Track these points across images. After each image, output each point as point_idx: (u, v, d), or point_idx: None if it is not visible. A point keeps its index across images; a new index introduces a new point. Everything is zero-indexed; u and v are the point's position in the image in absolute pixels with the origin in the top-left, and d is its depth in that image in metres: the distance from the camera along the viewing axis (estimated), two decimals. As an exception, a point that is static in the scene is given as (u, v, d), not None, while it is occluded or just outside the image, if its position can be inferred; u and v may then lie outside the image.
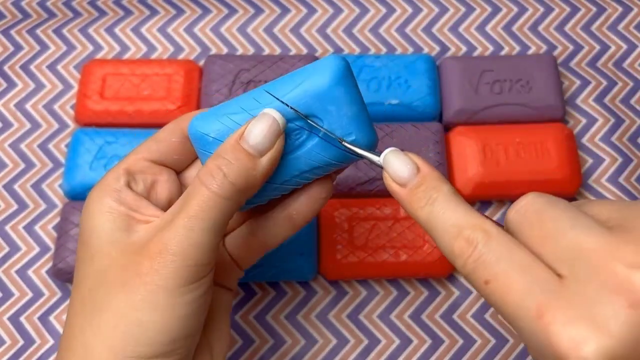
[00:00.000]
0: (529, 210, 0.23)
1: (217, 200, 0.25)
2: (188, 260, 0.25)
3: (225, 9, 0.48)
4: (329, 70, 0.26)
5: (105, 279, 0.26)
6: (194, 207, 0.25)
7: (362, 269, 0.39)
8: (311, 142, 0.27)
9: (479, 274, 0.22)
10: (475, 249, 0.23)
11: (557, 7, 0.48)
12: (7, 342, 0.39)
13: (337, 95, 0.26)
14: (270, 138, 0.26)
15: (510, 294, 0.21)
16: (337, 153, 0.27)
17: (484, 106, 0.42)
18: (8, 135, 0.44)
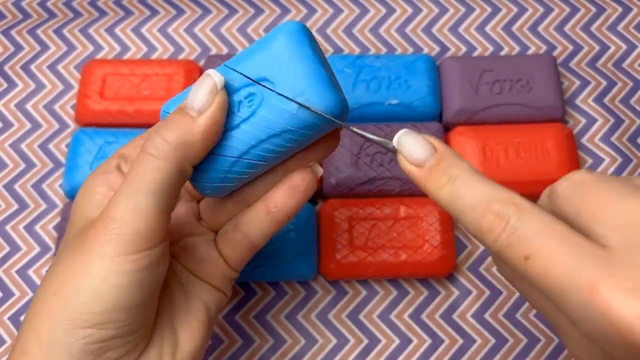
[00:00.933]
0: (585, 180, 0.22)
1: (155, 162, 0.25)
2: (127, 228, 0.25)
3: (225, 9, 0.48)
4: (278, 33, 0.26)
5: (62, 250, 0.27)
6: (132, 174, 0.25)
7: (362, 269, 0.39)
8: (264, 108, 0.26)
9: (515, 250, 0.21)
10: (507, 223, 0.21)
11: (557, 7, 0.48)
12: (7, 342, 0.39)
13: (283, 54, 0.26)
14: (205, 94, 0.26)
15: (556, 268, 0.20)
16: (291, 117, 0.26)
17: (484, 106, 0.42)
18: (8, 135, 0.44)
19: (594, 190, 0.21)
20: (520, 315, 0.39)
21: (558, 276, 0.20)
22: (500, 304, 0.40)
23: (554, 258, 0.20)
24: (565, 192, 0.22)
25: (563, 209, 0.22)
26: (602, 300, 0.19)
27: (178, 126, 0.25)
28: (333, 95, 0.26)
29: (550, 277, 0.20)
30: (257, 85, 0.26)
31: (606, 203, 0.21)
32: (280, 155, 0.27)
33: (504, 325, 0.39)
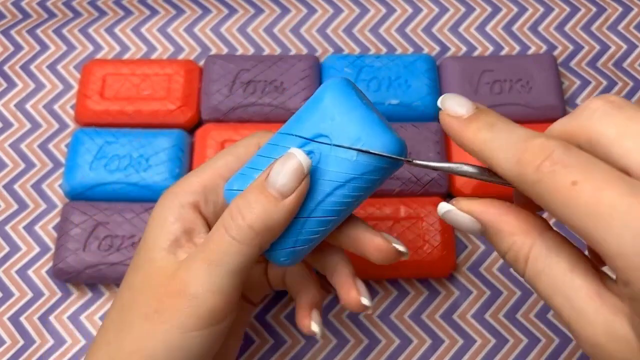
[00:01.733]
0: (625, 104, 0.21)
1: (237, 246, 0.25)
2: (205, 306, 0.26)
3: (225, 9, 0.48)
4: (324, 91, 0.27)
5: (136, 300, 0.27)
6: (213, 252, 0.26)
7: (362, 269, 0.39)
8: (324, 162, 0.27)
9: (561, 176, 0.20)
10: (553, 152, 0.21)
11: (557, 7, 0.48)
12: (7, 342, 0.39)
13: (333, 108, 0.26)
14: (294, 179, 0.25)
15: (606, 195, 0.19)
16: (353, 165, 0.26)
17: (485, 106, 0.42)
18: (8, 135, 0.44)
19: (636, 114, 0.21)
20: (520, 316, 0.39)
21: (607, 202, 0.19)
22: (501, 304, 0.40)
23: (605, 183, 0.19)
24: (604, 109, 0.22)
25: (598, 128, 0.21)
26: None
27: (263, 211, 0.25)
28: (389, 135, 0.26)
29: (600, 202, 0.19)
30: (312, 143, 0.27)
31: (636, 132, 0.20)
32: (349, 207, 0.27)
33: (504, 326, 0.39)
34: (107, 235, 0.39)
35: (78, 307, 0.40)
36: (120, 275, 0.38)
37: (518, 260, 0.24)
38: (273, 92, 0.42)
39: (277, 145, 0.27)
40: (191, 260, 0.26)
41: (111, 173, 0.40)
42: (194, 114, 0.43)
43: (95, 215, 0.39)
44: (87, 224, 0.39)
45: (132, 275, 0.28)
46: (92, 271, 0.38)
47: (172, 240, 0.28)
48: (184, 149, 0.41)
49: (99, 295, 0.40)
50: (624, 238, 0.19)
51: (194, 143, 0.42)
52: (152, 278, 0.27)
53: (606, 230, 0.19)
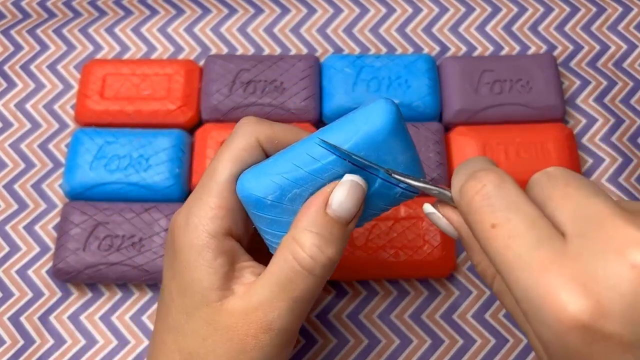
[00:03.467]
0: (558, 174, 0.23)
1: (319, 281, 0.26)
2: (288, 338, 0.27)
3: (225, 9, 0.48)
4: (382, 119, 0.26)
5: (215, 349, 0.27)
6: (297, 290, 0.26)
7: (362, 269, 0.39)
8: (368, 192, 0.27)
9: (485, 216, 0.22)
10: (484, 188, 0.23)
11: (557, 7, 0.48)
12: (7, 342, 0.39)
13: (392, 145, 0.26)
14: (358, 203, 0.26)
15: (516, 243, 0.21)
16: (392, 199, 0.27)
17: (484, 106, 0.42)
18: (8, 135, 0.44)
19: (563, 183, 0.22)
20: (520, 316, 0.39)
21: (516, 250, 0.21)
22: (501, 305, 0.40)
23: (517, 232, 0.21)
24: (539, 180, 0.23)
25: (535, 196, 0.23)
26: (546, 281, 0.20)
27: (339, 243, 0.26)
28: (423, 176, 0.28)
29: (509, 250, 0.21)
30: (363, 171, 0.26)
31: (570, 195, 0.22)
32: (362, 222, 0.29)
33: (504, 326, 0.39)
34: (107, 235, 0.39)
35: (78, 307, 0.40)
36: (121, 275, 0.38)
37: (486, 276, 0.27)
38: (273, 92, 0.42)
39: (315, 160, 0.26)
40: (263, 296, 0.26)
41: (111, 173, 0.40)
42: (194, 114, 0.43)
43: (95, 215, 0.39)
44: (87, 224, 0.39)
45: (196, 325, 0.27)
46: (92, 271, 0.38)
47: (223, 278, 0.27)
48: (184, 149, 0.41)
49: (99, 295, 0.40)
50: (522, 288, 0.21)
51: (194, 143, 0.42)
52: (221, 322, 0.27)
53: (512, 278, 0.21)
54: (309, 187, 0.26)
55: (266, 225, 0.28)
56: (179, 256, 0.28)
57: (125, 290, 0.40)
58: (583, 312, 0.19)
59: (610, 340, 0.19)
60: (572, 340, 0.20)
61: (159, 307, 0.30)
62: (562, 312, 0.20)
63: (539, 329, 0.21)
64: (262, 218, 0.27)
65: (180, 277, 0.28)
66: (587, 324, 0.19)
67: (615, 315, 0.19)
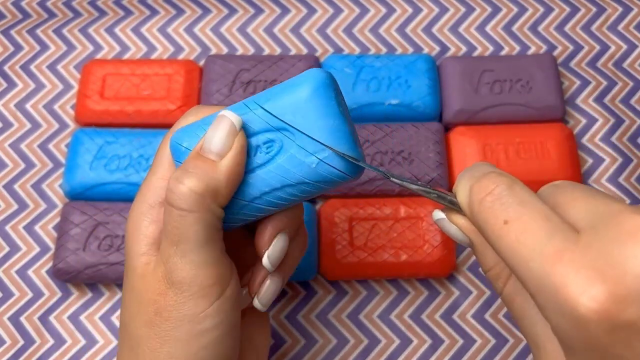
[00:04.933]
0: (565, 184, 0.23)
1: (188, 216, 0.25)
2: (196, 287, 0.25)
3: (225, 9, 0.48)
4: (304, 82, 0.25)
5: (133, 315, 0.27)
6: (172, 233, 0.25)
7: (362, 269, 0.39)
8: (282, 156, 0.26)
9: (497, 213, 0.22)
10: (497, 187, 0.23)
11: (557, 7, 0.48)
12: (7, 342, 0.39)
13: (308, 106, 0.25)
14: (226, 138, 0.25)
15: (529, 237, 0.21)
16: (310, 171, 0.26)
17: (484, 106, 0.42)
18: (8, 135, 0.44)
19: (569, 190, 0.23)
20: (520, 316, 0.39)
21: (529, 244, 0.21)
22: (501, 304, 0.40)
23: (530, 226, 0.21)
24: (545, 191, 0.24)
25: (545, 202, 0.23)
26: (558, 273, 0.20)
27: (201, 173, 0.25)
28: (354, 154, 0.25)
29: (522, 245, 0.21)
30: (277, 132, 0.26)
31: (578, 198, 0.22)
32: (290, 203, 0.27)
33: (504, 326, 0.39)
34: (107, 235, 0.39)
35: (78, 307, 0.40)
36: (120, 275, 0.38)
37: (497, 280, 0.27)
38: (273, 92, 0.42)
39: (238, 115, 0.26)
40: (162, 251, 0.26)
41: (111, 173, 0.40)
42: (194, 114, 0.43)
43: (95, 215, 0.39)
44: (87, 224, 0.39)
45: (124, 294, 0.28)
46: (92, 271, 0.38)
47: (150, 243, 0.27)
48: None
49: (99, 295, 0.40)
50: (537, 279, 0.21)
51: (194, 143, 0.42)
52: (138, 285, 0.27)
53: (526, 271, 0.21)
54: None
55: None
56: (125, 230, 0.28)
57: (125, 290, 0.40)
58: (601, 298, 0.19)
59: (632, 326, 0.19)
60: (591, 328, 0.19)
61: None
62: (579, 300, 0.19)
63: (557, 321, 0.20)
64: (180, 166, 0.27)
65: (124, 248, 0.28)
66: (606, 310, 0.19)
67: (635, 299, 0.19)
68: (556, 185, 0.24)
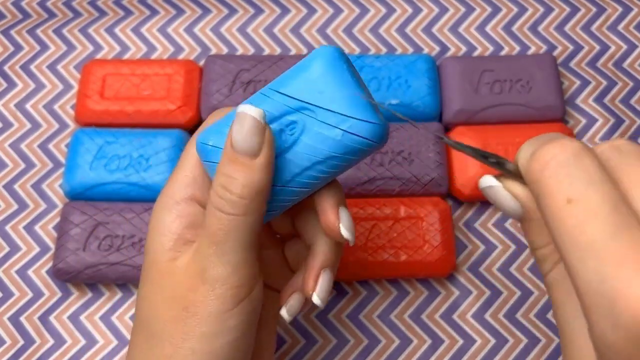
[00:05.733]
0: (629, 148, 0.20)
1: (237, 219, 0.25)
2: (225, 286, 0.26)
3: (225, 9, 0.48)
4: (314, 59, 0.26)
5: (156, 309, 0.27)
6: (217, 234, 0.26)
7: (362, 269, 0.39)
8: (307, 135, 0.26)
9: (561, 186, 0.19)
10: (563, 153, 0.19)
11: (557, 7, 0.48)
12: (7, 342, 0.39)
13: (322, 80, 0.26)
14: (255, 136, 0.25)
15: (592, 226, 0.18)
16: (336, 144, 0.26)
17: (484, 106, 0.42)
18: (8, 135, 0.44)
19: (637, 161, 0.20)
20: (520, 316, 0.39)
21: (591, 234, 0.18)
22: (501, 305, 0.40)
23: (597, 213, 0.18)
24: (609, 153, 0.20)
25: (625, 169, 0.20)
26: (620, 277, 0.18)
27: (244, 178, 0.25)
28: (376, 120, 0.26)
29: (583, 233, 0.19)
30: (297, 112, 0.26)
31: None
32: (324, 181, 0.27)
33: (504, 326, 0.39)
34: (107, 235, 0.39)
35: (78, 307, 0.40)
36: (121, 275, 0.38)
37: (546, 261, 0.24)
38: (273, 92, 0.42)
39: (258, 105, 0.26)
40: (199, 249, 0.26)
41: (111, 173, 0.40)
42: (194, 114, 0.43)
43: (95, 215, 0.39)
44: (87, 224, 0.39)
45: (145, 289, 0.28)
46: (92, 271, 0.38)
47: (175, 239, 0.27)
48: (184, 148, 0.41)
49: (99, 295, 0.40)
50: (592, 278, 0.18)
51: (194, 143, 0.42)
52: (165, 280, 0.27)
53: (580, 265, 0.19)
54: None
55: (212, 172, 0.27)
56: (148, 228, 0.28)
57: (125, 290, 0.40)
58: None
59: None
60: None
61: None
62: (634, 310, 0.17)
63: (603, 329, 0.18)
64: (209, 165, 0.27)
65: (145, 243, 0.28)
66: None
67: None
68: (621, 150, 0.20)
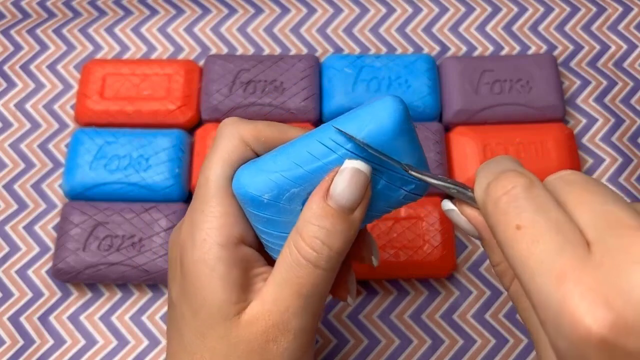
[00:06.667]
0: (572, 178, 0.22)
1: (326, 274, 0.26)
2: (308, 339, 0.26)
3: (225, 9, 0.48)
4: (389, 117, 0.24)
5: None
6: (305, 287, 0.25)
7: (362, 269, 0.39)
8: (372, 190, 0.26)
9: (511, 217, 0.21)
10: (514, 189, 0.22)
11: (557, 7, 0.48)
12: (7, 342, 0.39)
13: (397, 146, 0.25)
14: (361, 191, 0.25)
15: (539, 248, 0.20)
16: (395, 202, 0.26)
17: (484, 106, 0.42)
18: (8, 135, 0.44)
19: (581, 188, 0.22)
20: (520, 316, 0.39)
21: (538, 255, 0.20)
22: (501, 305, 0.40)
23: (543, 237, 0.20)
24: (554, 183, 0.22)
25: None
26: (566, 290, 0.19)
27: (342, 233, 0.25)
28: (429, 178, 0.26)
29: (531, 254, 0.20)
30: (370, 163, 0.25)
31: (590, 201, 0.21)
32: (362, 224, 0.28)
33: (505, 326, 0.39)
34: (107, 235, 0.39)
35: (78, 307, 0.40)
36: (120, 275, 0.38)
37: (506, 276, 0.26)
38: (273, 92, 0.42)
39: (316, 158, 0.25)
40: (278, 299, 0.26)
41: (111, 173, 0.40)
42: (194, 114, 0.43)
43: (95, 215, 0.39)
44: (87, 224, 0.39)
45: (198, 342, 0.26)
46: (92, 271, 0.38)
47: (238, 290, 0.26)
48: (184, 149, 0.41)
49: (98, 296, 0.40)
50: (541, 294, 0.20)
51: (194, 143, 0.42)
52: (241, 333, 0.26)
53: (531, 283, 0.20)
54: (307, 186, 0.26)
55: (263, 224, 0.27)
56: (190, 275, 0.26)
57: (125, 290, 0.40)
58: (603, 326, 0.18)
59: (631, 356, 0.19)
60: (590, 353, 0.19)
61: (170, 327, 0.29)
62: (580, 324, 0.19)
63: (555, 339, 0.20)
64: (259, 217, 0.26)
65: (192, 297, 0.26)
66: (608, 338, 0.18)
67: (638, 330, 0.18)
68: (566, 180, 0.22)
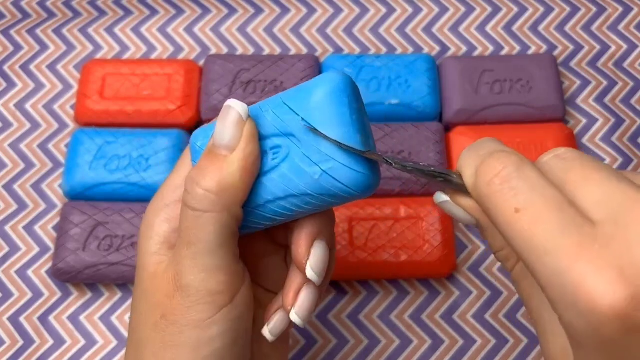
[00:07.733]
0: (570, 156, 0.21)
1: (203, 216, 0.24)
2: (201, 293, 0.25)
3: (225, 9, 0.48)
4: (319, 85, 0.24)
5: (140, 315, 0.26)
6: (186, 233, 0.25)
7: (362, 269, 0.39)
8: (287, 164, 0.24)
9: (507, 199, 0.20)
10: (505, 169, 0.21)
11: (557, 7, 0.48)
12: (7, 342, 0.39)
13: (319, 112, 0.23)
14: (232, 128, 0.24)
15: (542, 228, 0.20)
16: (313, 182, 0.24)
17: (484, 106, 0.42)
18: (8, 135, 0.44)
19: (579, 165, 0.21)
20: (521, 316, 0.39)
21: (542, 235, 0.20)
22: (501, 305, 0.40)
23: (544, 217, 0.20)
24: (550, 163, 0.22)
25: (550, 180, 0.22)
26: (576, 270, 0.19)
27: (214, 171, 0.24)
28: (361, 169, 0.24)
29: (535, 236, 0.20)
30: (285, 137, 0.24)
31: (590, 178, 0.20)
32: (297, 215, 0.25)
33: (505, 326, 0.39)
34: (107, 235, 0.39)
35: (78, 307, 0.40)
36: (120, 275, 0.38)
37: (508, 261, 0.25)
38: (273, 92, 0.42)
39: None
40: (176, 252, 0.25)
41: (111, 173, 0.40)
42: (194, 114, 0.43)
43: (95, 215, 0.39)
44: (87, 224, 0.39)
45: (134, 294, 0.27)
46: (91, 271, 0.38)
47: (162, 242, 0.27)
48: (183, 149, 0.41)
49: (98, 296, 0.40)
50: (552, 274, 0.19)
51: (193, 143, 0.42)
52: (148, 285, 0.26)
53: (539, 264, 0.20)
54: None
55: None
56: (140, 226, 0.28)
57: (125, 290, 0.40)
58: (621, 300, 0.18)
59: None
60: (607, 330, 0.19)
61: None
62: (598, 300, 0.18)
63: (569, 318, 0.20)
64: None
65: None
66: (626, 313, 0.18)
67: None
68: (563, 158, 0.21)
